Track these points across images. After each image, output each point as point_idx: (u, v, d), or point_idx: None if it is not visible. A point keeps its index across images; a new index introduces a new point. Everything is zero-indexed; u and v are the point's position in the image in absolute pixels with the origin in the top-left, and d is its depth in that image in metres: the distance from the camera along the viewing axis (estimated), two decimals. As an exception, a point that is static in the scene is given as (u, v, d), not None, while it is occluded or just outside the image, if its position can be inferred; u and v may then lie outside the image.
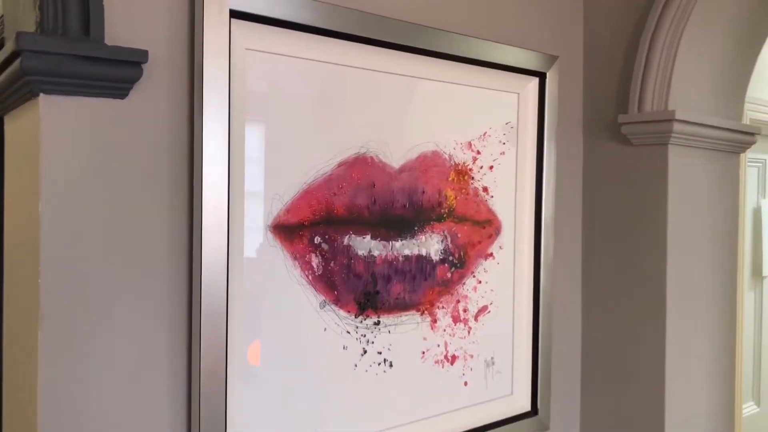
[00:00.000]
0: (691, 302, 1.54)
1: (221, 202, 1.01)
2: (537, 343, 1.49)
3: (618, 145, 1.56)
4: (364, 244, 1.21)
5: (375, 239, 1.23)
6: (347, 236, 1.19)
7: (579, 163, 1.63)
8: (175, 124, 1.01)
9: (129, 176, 0.97)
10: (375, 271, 1.23)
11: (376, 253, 1.23)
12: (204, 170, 0.99)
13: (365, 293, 1.22)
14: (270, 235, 1.09)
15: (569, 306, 1.62)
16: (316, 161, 1.14)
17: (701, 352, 1.58)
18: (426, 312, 1.32)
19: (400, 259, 1.27)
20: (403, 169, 1.27)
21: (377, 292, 1.23)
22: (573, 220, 1.62)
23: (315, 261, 1.15)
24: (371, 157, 1.22)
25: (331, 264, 1.17)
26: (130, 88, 0.95)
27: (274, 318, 1.10)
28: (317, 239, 1.15)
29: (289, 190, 1.11)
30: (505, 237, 1.45)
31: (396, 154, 1.25)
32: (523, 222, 1.47)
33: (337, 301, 1.18)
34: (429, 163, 1.31)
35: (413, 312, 1.29)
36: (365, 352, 1.22)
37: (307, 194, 1.13)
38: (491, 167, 1.41)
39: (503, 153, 1.43)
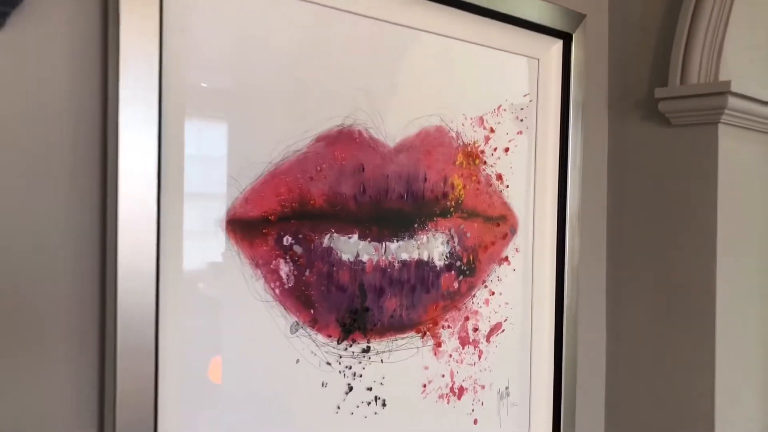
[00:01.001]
0: (745, 317, 1.28)
1: (147, 190, 0.71)
2: (560, 368, 1.21)
3: (653, 126, 1.29)
4: (350, 246, 0.91)
5: (364, 239, 0.93)
6: (327, 235, 0.89)
7: (603, 148, 1.36)
8: (79, 72, 0.70)
9: (5, 152, 0.66)
10: (364, 281, 0.93)
11: (365, 257, 0.93)
12: (121, 142, 0.69)
13: (351, 311, 0.92)
14: (222, 235, 0.79)
15: (598, 322, 1.34)
16: (285, 134, 0.84)
17: (756, 376, 1.32)
18: (428, 333, 1.02)
19: (396, 265, 0.97)
20: (400, 149, 0.97)
21: (366, 309, 0.94)
22: (600, 218, 1.35)
23: (284, 269, 0.84)
24: (359, 131, 0.92)
25: (306, 273, 0.87)
26: (8, 13, 0.64)
27: (227, 351, 0.80)
28: (287, 239, 0.85)
29: (249, 171, 0.81)
30: (522, 237, 1.16)
31: (391, 129, 0.96)
32: (544, 219, 1.19)
33: (314, 323, 0.88)
34: (432, 141, 1.02)
35: (412, 334, 1.00)
36: (351, 389, 0.93)
37: (274, 178, 0.83)
38: (506, 150, 1.13)
39: (520, 132, 1.15)
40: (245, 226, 0.81)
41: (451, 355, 1.06)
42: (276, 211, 0.83)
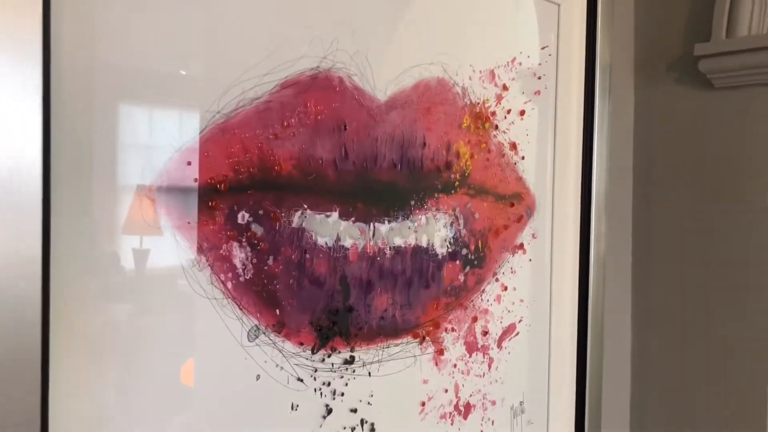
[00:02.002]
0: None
1: (28, 139, 0.49)
2: (583, 378, 1.00)
3: (691, 90, 1.09)
4: (328, 227, 0.70)
5: (346, 219, 0.72)
6: (298, 212, 0.68)
7: (629, 115, 1.15)
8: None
9: None
10: (346, 272, 0.72)
11: (347, 242, 0.72)
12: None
13: (330, 311, 0.71)
14: (150, 208, 0.58)
15: (625, 322, 1.14)
16: (239, 75, 0.63)
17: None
18: (428, 338, 0.82)
19: (388, 252, 0.76)
20: (392, 104, 0.76)
21: (350, 309, 0.73)
22: (628, 200, 1.14)
23: (239, 255, 0.63)
24: (340, 78, 0.71)
25: (269, 261, 0.66)
26: None
27: (156, 366, 0.58)
28: (243, 216, 0.64)
29: (187, 123, 0.60)
30: (539, 220, 0.96)
31: (381, 78, 0.75)
32: (566, 199, 0.99)
33: (281, 327, 0.67)
34: (433, 97, 0.81)
35: (408, 339, 0.79)
36: (330, 411, 0.72)
37: (223, 133, 0.62)
38: (522, 113, 0.92)
39: (538, 93, 0.95)
40: (182, 197, 0.59)
41: (455, 365, 0.85)
42: (227, 177, 0.62)
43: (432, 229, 0.81)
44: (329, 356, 0.71)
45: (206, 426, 0.62)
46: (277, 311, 0.66)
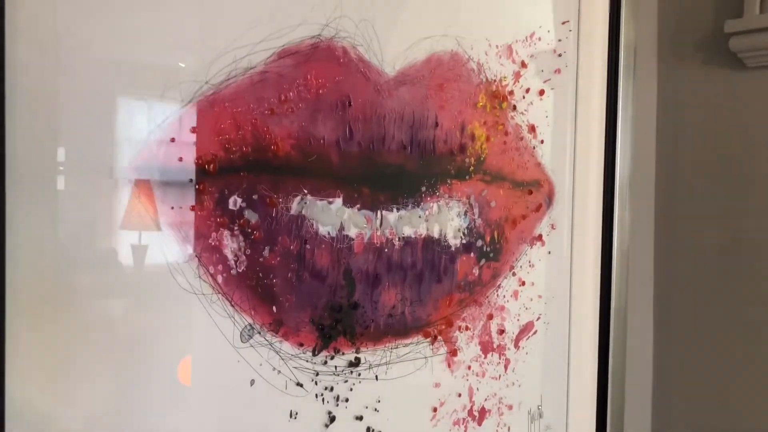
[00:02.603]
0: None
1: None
2: (605, 380, 0.93)
3: (720, 70, 1.01)
4: (331, 215, 0.63)
5: (351, 206, 0.65)
6: (297, 198, 0.61)
7: (652, 98, 1.08)
8: None
9: None
10: (351, 265, 0.65)
11: (352, 231, 0.65)
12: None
13: (333, 309, 0.64)
14: (127, 191, 0.51)
15: (650, 320, 1.07)
16: (231, 41, 0.56)
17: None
18: (440, 338, 0.74)
19: (397, 243, 0.69)
20: (402, 79, 0.69)
21: (355, 306, 0.66)
22: (650, 187, 1.07)
23: (231, 246, 0.56)
24: (344, 49, 0.64)
25: (265, 252, 0.58)
26: None
27: (132, 372, 0.51)
28: (235, 201, 0.56)
29: (171, 94, 0.53)
30: (559, 210, 0.89)
31: (390, 50, 0.68)
32: (587, 187, 0.91)
33: (278, 326, 0.60)
34: (446, 72, 0.73)
35: (418, 338, 0.72)
36: (333, 419, 0.65)
37: (212, 107, 0.55)
38: (541, 92, 0.85)
39: (558, 71, 0.87)
40: (165, 179, 0.52)
41: (470, 367, 0.78)
42: (216, 157, 0.55)
43: (444, 219, 0.74)
44: (332, 358, 0.64)
45: (193, 438, 0.55)
46: (274, 308, 0.59)
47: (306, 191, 0.61)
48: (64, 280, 0.47)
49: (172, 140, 0.52)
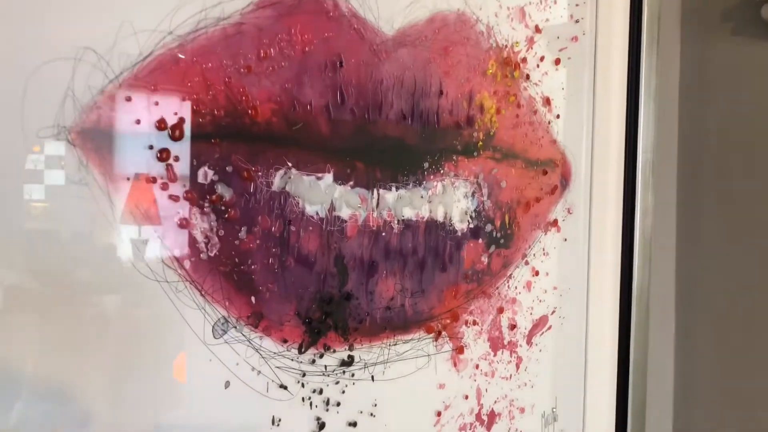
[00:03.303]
0: None
1: None
2: (626, 380, 0.85)
3: (751, 41, 0.93)
4: (320, 193, 0.55)
5: (343, 182, 0.57)
6: (281, 172, 0.52)
7: (676, 69, 0.99)
8: None
9: None
10: (343, 251, 0.57)
11: (345, 212, 0.57)
12: None
13: (322, 300, 0.56)
14: (73, 156, 0.42)
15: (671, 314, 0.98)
16: (200, -15, 0.47)
17: None
18: (444, 333, 0.66)
19: (395, 226, 0.61)
20: (401, 40, 0.61)
21: (348, 297, 0.58)
22: (672, 169, 0.98)
23: (201, 225, 0.48)
24: (334, 1, 0.55)
25: (242, 234, 0.50)
26: None
27: (79, 375, 0.43)
28: (205, 174, 0.48)
29: (127, 44, 0.44)
30: (576, 192, 0.80)
31: (387, 7, 0.59)
32: (607, 167, 0.83)
33: (258, 319, 0.52)
34: (451, 35, 0.65)
35: (420, 334, 0.64)
36: (322, 425, 0.57)
37: (178, 62, 0.46)
38: (557, 62, 0.76)
39: (575, 39, 0.79)
40: (120, 145, 0.44)
41: (478, 366, 0.70)
42: (183, 121, 0.47)
43: (450, 200, 0.66)
44: (321, 356, 0.56)
45: (156, 450, 0.47)
46: (253, 299, 0.51)
47: (290, 164, 0.53)
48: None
49: (128, 99, 0.44)
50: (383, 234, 0.60)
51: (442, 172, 0.65)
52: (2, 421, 0.39)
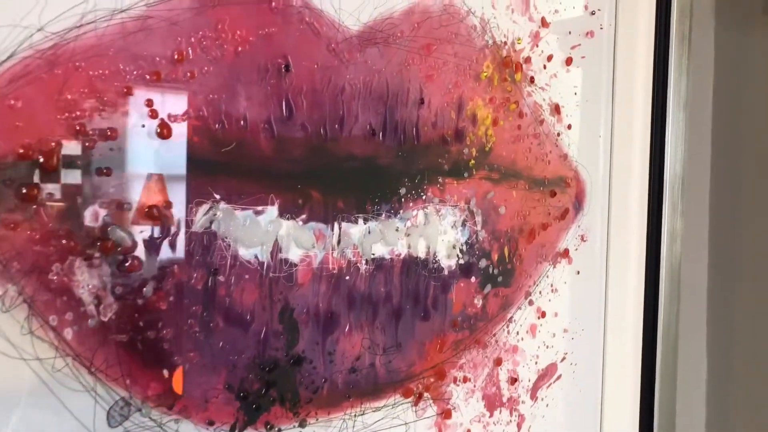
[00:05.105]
0: None
1: None
2: (650, 435, 0.72)
3: (800, 38, 0.79)
4: (258, 231, 0.43)
5: (292, 217, 0.45)
6: (203, 207, 0.41)
7: (708, 69, 0.86)
8: None
9: None
10: (291, 302, 0.45)
11: (295, 254, 0.45)
12: None
13: (261, 366, 0.44)
14: None
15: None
16: (85, -36, 0.36)
17: None
18: (427, 395, 0.54)
19: (363, 267, 0.49)
20: (370, 37, 0.49)
21: (298, 360, 0.46)
22: (705, 185, 0.85)
23: (87, 282, 0.36)
24: (279, -12, 0.44)
25: (146, 290, 0.39)
26: None
27: None
28: (95, 213, 0.37)
29: (-28, 43, 0.33)
30: (591, 217, 0.68)
31: (351, -6, 0.47)
32: (628, 187, 0.70)
33: (174, 397, 0.40)
34: (435, 31, 0.53)
35: (396, 398, 0.52)
36: None
37: (53, 67, 0.35)
38: (568, 61, 0.64)
39: (591, 34, 0.66)
40: (-38, 180, 0.33)
41: (469, 431, 0.58)
42: (59, 145, 0.35)
43: (434, 231, 0.54)
44: (263, 437, 0.44)
45: None
46: (165, 372, 0.40)
47: (217, 197, 0.41)
48: None
49: (-22, 118, 0.33)
50: (347, 278, 0.48)
51: (424, 198, 0.53)
52: None
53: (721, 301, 0.81)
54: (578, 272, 0.67)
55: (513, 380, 0.61)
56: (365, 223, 0.49)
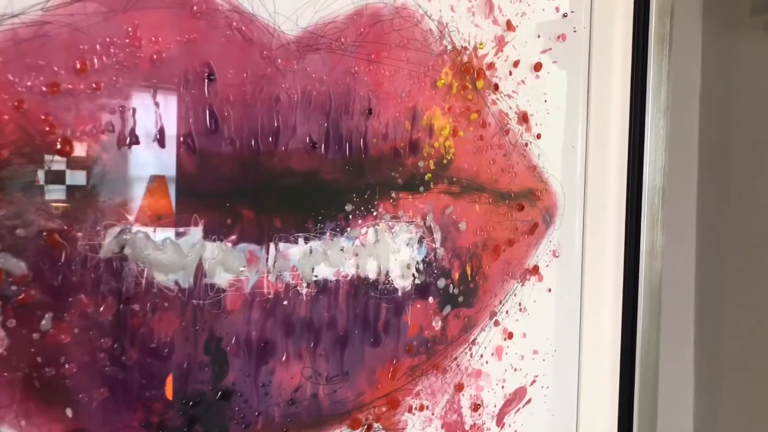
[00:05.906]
0: None
1: None
2: (629, 461, 0.68)
3: (790, 40, 0.75)
4: (179, 255, 0.40)
5: (219, 239, 0.41)
6: (113, 230, 0.37)
7: (695, 75, 0.82)
8: None
9: None
10: (218, 332, 0.42)
11: (222, 278, 0.41)
12: None
13: (184, 402, 0.40)
14: None
15: (689, 384, 0.81)
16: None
17: None
18: (378, 425, 0.51)
19: (304, 291, 0.45)
20: (310, 43, 0.45)
21: (227, 394, 0.42)
22: (691, 197, 0.81)
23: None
24: (201, -10, 0.40)
25: (44, 323, 0.35)
26: None
27: None
28: (-18, 241, 0.33)
29: None
30: (564, 230, 0.64)
31: (287, -3, 0.44)
32: (604, 198, 0.66)
33: (78, 439, 0.37)
34: (386, 35, 0.49)
35: (341, 429, 0.49)
36: None
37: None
38: (537, 67, 0.60)
39: (563, 37, 0.62)
40: None
41: (426, 463, 0.54)
42: (-63, 166, 0.32)
43: (385, 250, 0.50)
44: (186, 478, 0.41)
45: None
46: (69, 412, 0.36)
47: (129, 218, 0.38)
48: None
49: None
50: (284, 303, 0.45)
51: (375, 214, 0.49)
52: None
53: (706, 317, 0.77)
54: (549, 290, 0.63)
55: (476, 406, 0.57)
56: (306, 243, 0.46)
